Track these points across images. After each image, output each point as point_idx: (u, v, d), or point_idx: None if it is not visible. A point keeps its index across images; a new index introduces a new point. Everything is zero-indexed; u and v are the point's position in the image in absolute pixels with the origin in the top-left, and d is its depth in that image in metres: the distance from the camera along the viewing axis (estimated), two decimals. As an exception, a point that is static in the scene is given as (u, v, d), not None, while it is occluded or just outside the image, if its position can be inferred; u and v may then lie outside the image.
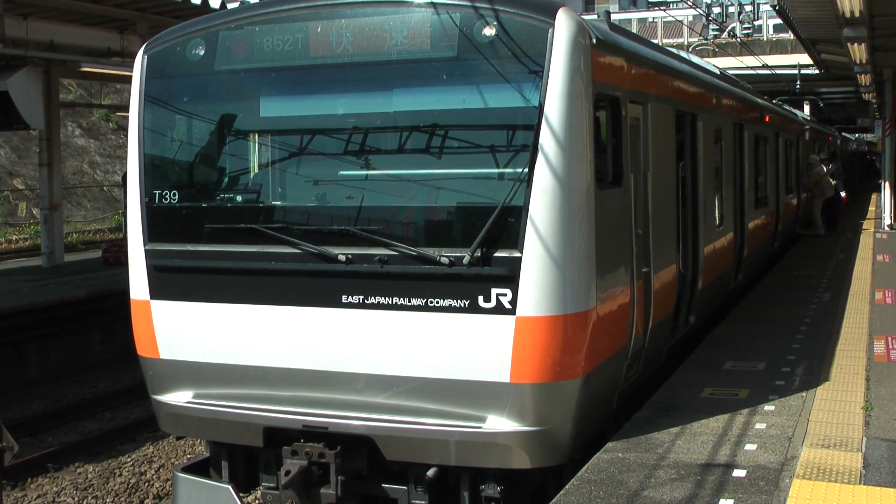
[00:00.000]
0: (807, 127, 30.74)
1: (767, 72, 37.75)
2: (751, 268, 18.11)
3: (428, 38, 8.28)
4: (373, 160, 8.74)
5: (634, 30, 39.29)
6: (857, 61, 25.24)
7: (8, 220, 35.38)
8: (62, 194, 25.65)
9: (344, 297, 8.37)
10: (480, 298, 7.97)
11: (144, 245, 9.11)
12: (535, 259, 7.86)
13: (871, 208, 35.16)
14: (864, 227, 30.02)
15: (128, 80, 11.62)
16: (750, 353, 11.93)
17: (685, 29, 45.02)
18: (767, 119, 20.42)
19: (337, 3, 8.65)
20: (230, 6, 16.94)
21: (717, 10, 43.18)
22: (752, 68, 36.77)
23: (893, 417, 9.05)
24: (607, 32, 9.24)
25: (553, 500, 7.43)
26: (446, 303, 8.06)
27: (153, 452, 14.47)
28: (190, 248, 8.96)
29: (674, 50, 16.28)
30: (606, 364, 8.77)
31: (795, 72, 40.61)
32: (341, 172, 8.82)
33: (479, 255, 7.93)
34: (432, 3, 8.26)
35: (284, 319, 8.60)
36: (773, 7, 25.65)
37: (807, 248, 25.02)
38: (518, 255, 7.88)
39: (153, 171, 9.20)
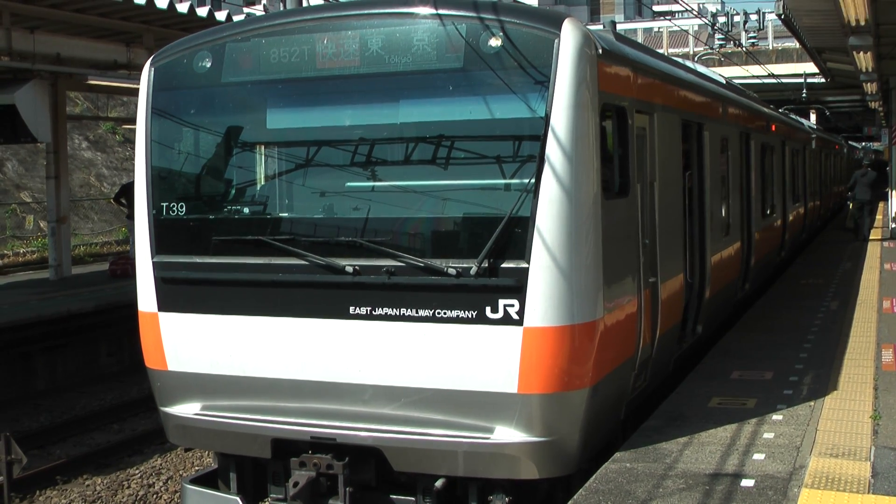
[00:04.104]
0: (813, 136, 30.72)
1: (773, 81, 37.76)
2: (758, 277, 18.09)
3: (434, 49, 8.30)
4: (379, 171, 8.76)
5: (640, 40, 39.32)
6: (863, 70, 25.28)
7: (15, 233, 35.42)
8: (69, 207, 25.66)
9: (351, 309, 8.38)
10: (488, 309, 7.97)
11: (152, 257, 9.13)
12: (543, 269, 7.87)
13: (878, 217, 35.15)
14: (871, 235, 29.96)
15: (134, 92, 11.67)
16: (757, 362, 11.92)
17: (691, 38, 45.06)
18: (774, 128, 20.41)
19: (343, 14, 8.67)
20: (236, 18, 17.00)
21: (722, 19, 43.17)
22: (757, 77, 36.79)
23: (902, 426, 9.04)
24: (613, 42, 9.25)
25: (561, 511, 7.44)
26: (454, 314, 8.06)
27: (161, 464, 14.47)
28: (197, 259, 8.98)
29: (679, 59, 16.29)
30: (614, 374, 8.77)
31: (801, 80, 40.63)
32: (348, 184, 8.84)
33: (487, 265, 7.93)
34: (438, 14, 8.28)
35: (292, 331, 8.61)
36: (779, 16, 25.66)
37: (814, 256, 25.00)
38: (525, 265, 7.89)
39: (161, 182, 9.23)
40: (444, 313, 8.09)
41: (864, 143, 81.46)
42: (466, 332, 8.04)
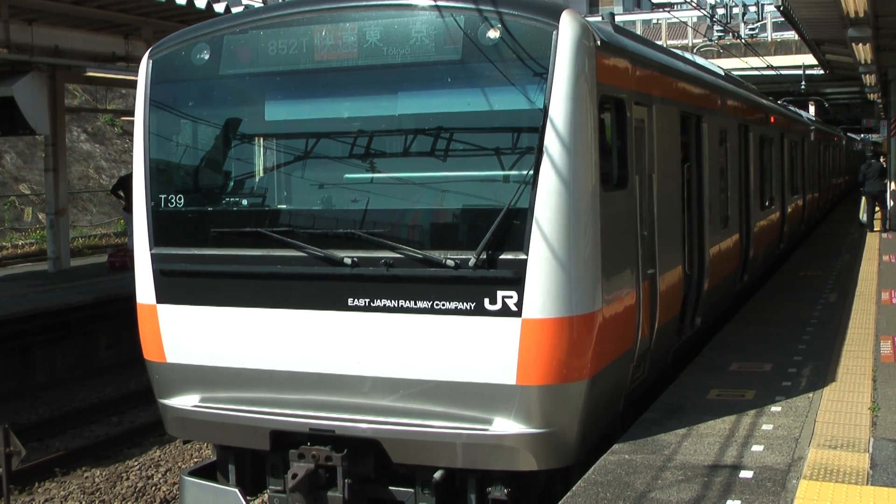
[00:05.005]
0: (812, 127, 30.70)
1: (772, 72, 37.75)
2: (757, 269, 18.09)
3: (432, 41, 8.29)
4: (378, 163, 8.75)
5: (638, 31, 39.28)
6: (862, 61, 25.24)
7: (14, 226, 35.40)
8: (68, 199, 25.62)
9: (350, 300, 8.38)
10: (486, 301, 7.97)
11: (150, 249, 9.13)
12: (541, 261, 7.87)
13: (877, 208, 35.11)
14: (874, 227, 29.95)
15: (133, 84, 11.65)
16: (756, 354, 11.92)
17: (689, 30, 45.00)
18: (772, 120, 20.40)
19: (341, 6, 8.66)
20: (234, 10, 16.98)
21: (721, 11, 43.13)
22: (756, 69, 36.78)
23: (900, 418, 9.04)
24: (612, 34, 9.24)
25: (560, 502, 7.43)
26: (452, 305, 8.06)
27: (160, 456, 14.48)
28: (196, 251, 8.98)
29: (678, 51, 16.28)
30: (612, 366, 8.77)
31: (800, 72, 40.59)
32: (346, 176, 8.83)
33: (485, 257, 7.93)
34: (437, 6, 8.27)
35: (290, 322, 8.61)
36: (778, 8, 25.62)
37: (812, 248, 25.00)
38: (523, 257, 7.89)
39: (159, 175, 9.22)
40: (443, 305, 8.09)
41: (862, 135, 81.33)
42: (465, 324, 8.04)
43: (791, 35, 39.09)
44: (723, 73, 16.98)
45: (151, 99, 9.23)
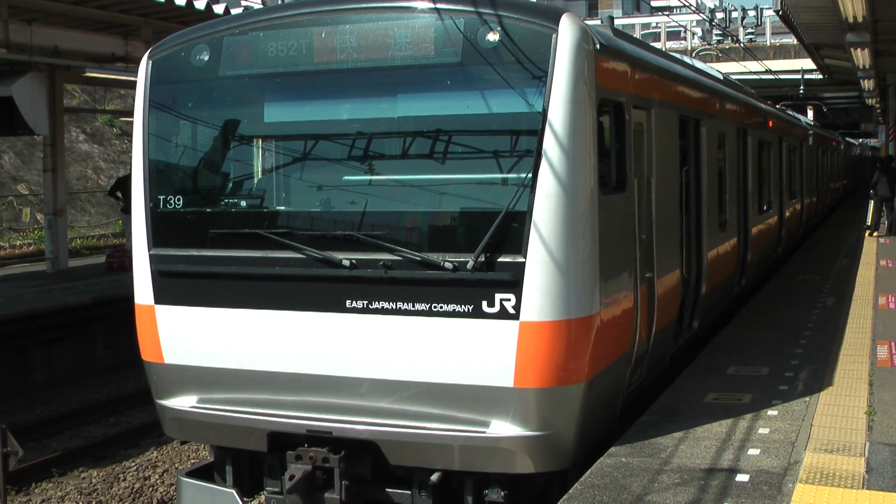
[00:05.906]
0: (810, 132, 30.72)
1: (771, 77, 37.80)
2: (754, 273, 18.10)
3: (432, 43, 8.30)
4: (377, 165, 8.76)
5: (637, 35, 39.29)
6: (861, 66, 25.29)
7: (12, 226, 35.40)
8: (66, 199, 25.62)
9: (348, 302, 8.38)
10: (484, 303, 7.98)
11: (149, 250, 9.13)
12: (539, 264, 7.88)
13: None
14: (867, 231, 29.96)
15: (132, 85, 11.66)
16: (753, 357, 11.93)
17: (689, 34, 45.03)
18: (771, 124, 20.41)
19: (341, 8, 8.67)
20: (234, 11, 16.99)
21: (720, 15, 43.19)
22: (755, 73, 36.83)
23: (897, 422, 9.05)
24: (611, 38, 9.25)
25: (557, 505, 7.45)
26: (450, 308, 8.07)
27: (157, 457, 14.48)
28: (194, 252, 8.98)
29: (677, 55, 16.29)
30: (610, 369, 8.78)
31: (799, 77, 40.66)
32: (345, 178, 8.84)
33: (483, 260, 7.94)
34: (436, 8, 8.28)
35: (289, 324, 8.62)
36: (777, 13, 25.65)
37: (810, 252, 25.02)
38: (522, 260, 7.90)
39: (158, 176, 9.23)
40: (441, 307, 8.10)
41: (860, 140, 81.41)
42: (463, 327, 8.05)
43: (790, 40, 39.19)
44: (721, 77, 17.00)
45: (151, 100, 9.24)
